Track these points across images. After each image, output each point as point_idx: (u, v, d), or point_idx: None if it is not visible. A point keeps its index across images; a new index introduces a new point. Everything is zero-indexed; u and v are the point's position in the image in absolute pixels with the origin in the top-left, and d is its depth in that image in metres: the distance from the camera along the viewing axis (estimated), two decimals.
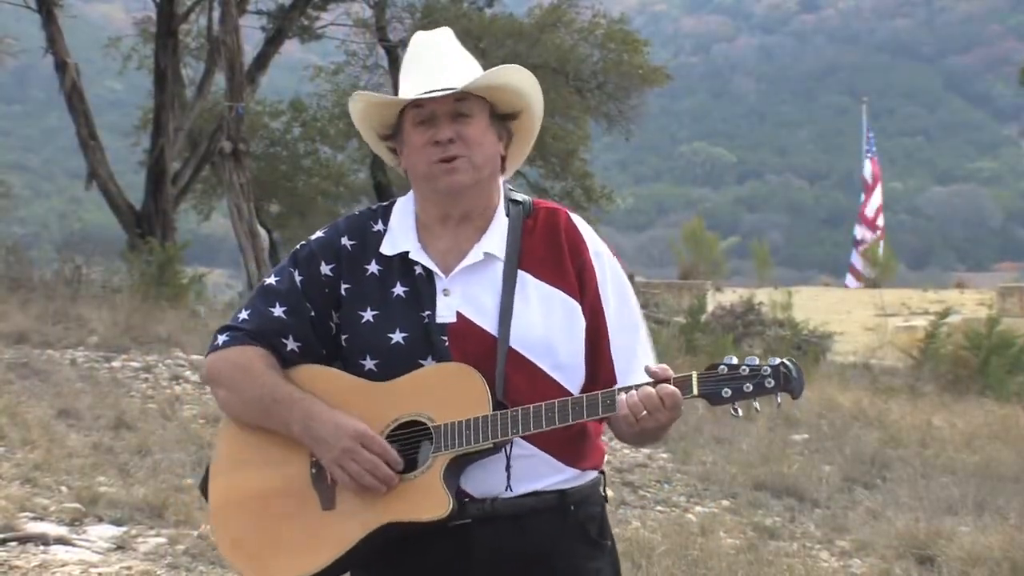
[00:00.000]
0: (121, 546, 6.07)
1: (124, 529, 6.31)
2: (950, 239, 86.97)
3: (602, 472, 2.76)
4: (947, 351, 15.60)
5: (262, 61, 22.09)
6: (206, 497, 2.73)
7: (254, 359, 2.67)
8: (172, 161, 20.84)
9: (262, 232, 21.14)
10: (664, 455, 9.44)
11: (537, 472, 2.62)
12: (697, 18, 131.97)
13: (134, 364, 11.06)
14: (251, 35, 22.16)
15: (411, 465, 2.58)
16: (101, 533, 6.24)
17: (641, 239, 75.99)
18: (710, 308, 19.24)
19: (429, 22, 22.47)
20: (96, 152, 19.88)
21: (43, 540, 5.95)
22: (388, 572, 2.65)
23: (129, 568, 5.74)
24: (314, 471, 2.63)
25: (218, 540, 2.73)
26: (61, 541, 5.98)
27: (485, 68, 2.73)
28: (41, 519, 6.33)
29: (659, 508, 7.92)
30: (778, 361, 2.49)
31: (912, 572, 6.55)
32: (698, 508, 7.95)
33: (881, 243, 36.03)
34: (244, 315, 2.73)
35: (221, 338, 2.72)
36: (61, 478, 7.09)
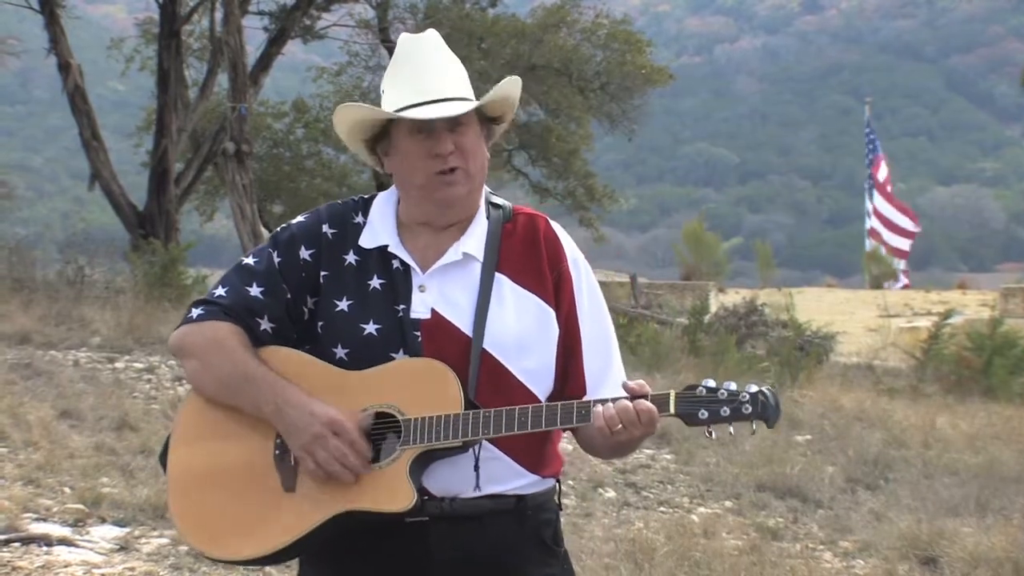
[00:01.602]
0: (124, 547, 6.08)
1: (127, 530, 6.32)
2: (953, 240, 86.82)
3: (558, 481, 2.76)
4: (950, 352, 15.54)
5: (265, 62, 22.07)
6: (164, 467, 2.69)
7: (228, 335, 2.64)
8: (175, 162, 20.82)
9: (265, 233, 21.12)
10: (667, 456, 9.44)
11: (499, 475, 2.61)
12: (700, 18, 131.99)
13: (137, 365, 11.07)
14: (254, 36, 22.17)
15: (374, 456, 2.56)
16: (104, 534, 6.24)
17: (643, 239, 76.06)
18: (713, 309, 19.21)
19: (432, 23, 22.48)
20: (99, 153, 19.88)
21: (46, 541, 5.96)
22: (344, 567, 2.64)
23: (132, 569, 5.75)
24: (277, 451, 2.60)
25: (172, 511, 2.68)
26: (64, 542, 5.99)
27: (488, 69, 2.72)
28: (44, 520, 6.34)
29: (662, 509, 7.91)
30: (756, 388, 2.48)
31: (915, 573, 6.55)
32: (701, 509, 7.94)
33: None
34: (221, 291, 2.70)
35: (195, 311, 2.69)
36: (64, 479, 7.10)
